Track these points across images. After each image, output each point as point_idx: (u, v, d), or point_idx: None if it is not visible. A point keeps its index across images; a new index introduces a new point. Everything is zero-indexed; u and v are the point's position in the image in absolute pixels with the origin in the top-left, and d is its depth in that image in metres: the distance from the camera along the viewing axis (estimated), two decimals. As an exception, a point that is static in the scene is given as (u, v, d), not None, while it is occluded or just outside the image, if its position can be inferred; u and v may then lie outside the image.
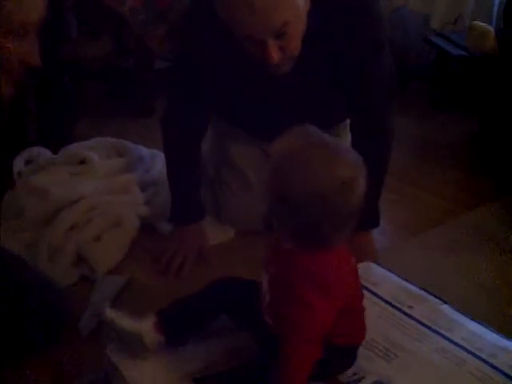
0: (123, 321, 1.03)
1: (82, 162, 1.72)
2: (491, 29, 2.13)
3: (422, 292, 1.26)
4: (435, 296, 1.25)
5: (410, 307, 1.20)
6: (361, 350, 1.05)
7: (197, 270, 1.46)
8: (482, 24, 2.28)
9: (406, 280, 1.29)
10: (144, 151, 1.85)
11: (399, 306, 1.20)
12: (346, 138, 1.64)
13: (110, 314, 1.02)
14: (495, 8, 2.64)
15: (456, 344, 1.10)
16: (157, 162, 1.81)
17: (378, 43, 1.34)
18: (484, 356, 1.08)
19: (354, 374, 1.03)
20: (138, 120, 2.29)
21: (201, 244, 1.49)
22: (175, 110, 1.49)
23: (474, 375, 1.05)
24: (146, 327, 1.02)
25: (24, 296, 1.18)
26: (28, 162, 1.76)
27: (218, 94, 1.43)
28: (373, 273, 1.31)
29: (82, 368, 1.17)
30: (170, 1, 2.45)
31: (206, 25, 1.27)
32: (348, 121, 1.57)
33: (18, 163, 1.73)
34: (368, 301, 1.21)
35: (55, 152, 1.80)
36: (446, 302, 1.23)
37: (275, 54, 1.16)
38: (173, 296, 1.09)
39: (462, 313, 1.20)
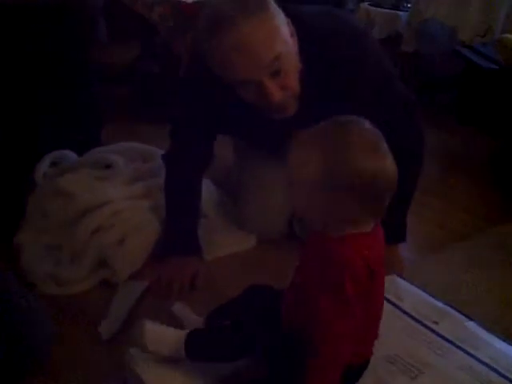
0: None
1: (108, 166, 1.72)
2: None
3: (448, 308, 1.24)
4: (461, 312, 1.22)
5: (435, 323, 1.18)
6: (385, 365, 1.04)
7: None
8: (511, 36, 2.26)
9: (432, 295, 1.27)
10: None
11: (424, 320, 1.18)
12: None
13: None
14: (526, 21, 2.61)
15: (482, 362, 1.08)
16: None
17: (379, 81, 1.30)
18: (510, 376, 1.06)
19: (377, 389, 1.01)
20: (163, 126, 2.29)
21: (195, 272, 1.46)
22: (178, 147, 1.49)
23: (500, 394, 1.02)
24: None
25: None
26: (53, 165, 1.77)
27: (224, 131, 1.46)
28: (398, 286, 1.30)
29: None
30: (197, 8, 2.46)
31: (206, 77, 1.23)
32: None
33: (44, 165, 1.74)
34: (392, 314, 1.20)
35: (81, 155, 1.80)
36: (472, 319, 1.20)
37: (276, 92, 1.13)
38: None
39: (489, 331, 1.17)
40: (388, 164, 0.90)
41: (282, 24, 1.12)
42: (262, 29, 1.08)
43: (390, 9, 3.25)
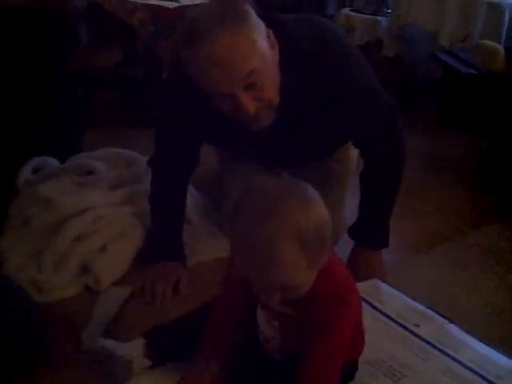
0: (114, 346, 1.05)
1: (90, 172, 1.72)
2: (500, 47, 2.13)
3: (429, 311, 1.25)
4: (442, 315, 1.24)
5: (417, 326, 1.20)
6: (367, 368, 1.05)
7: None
8: (491, 42, 2.29)
9: (413, 298, 1.29)
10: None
11: (405, 324, 1.20)
12: (348, 157, 1.65)
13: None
14: (505, 26, 2.64)
15: (463, 365, 1.10)
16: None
17: (362, 86, 1.29)
18: (491, 378, 1.08)
19: (360, 393, 1.02)
20: (146, 130, 2.29)
21: (178, 277, 1.46)
22: (162, 152, 1.49)
23: (480, 396, 1.04)
24: (135, 353, 1.05)
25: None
26: (35, 171, 1.76)
27: (206, 138, 1.45)
28: (379, 291, 1.31)
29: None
30: (179, 12, 2.46)
31: (187, 85, 1.22)
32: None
33: (26, 172, 1.73)
34: (374, 319, 1.21)
35: (63, 161, 1.80)
36: (452, 322, 1.22)
37: (250, 106, 1.13)
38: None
39: (469, 333, 1.19)
40: None
41: (260, 37, 1.11)
42: (238, 43, 1.07)
43: (371, 14, 3.28)
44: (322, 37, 1.25)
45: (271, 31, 1.15)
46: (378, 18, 3.22)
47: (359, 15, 3.26)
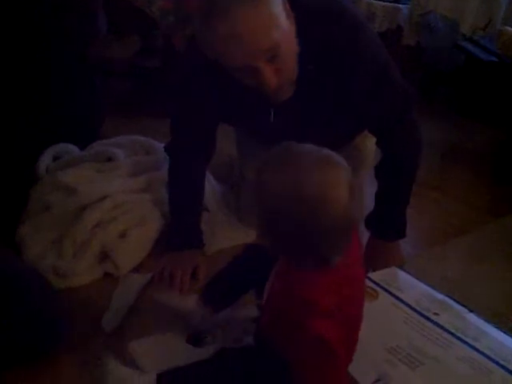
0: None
1: (109, 159, 1.73)
2: (523, 34, 2.10)
3: (448, 299, 1.24)
4: (461, 304, 1.23)
5: (436, 314, 1.19)
6: (385, 356, 1.04)
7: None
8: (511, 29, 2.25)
9: (432, 287, 1.28)
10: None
11: (424, 312, 1.19)
12: (366, 146, 1.64)
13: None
14: (527, 13, 2.60)
15: (482, 354, 1.09)
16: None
17: (378, 69, 1.28)
18: (510, 367, 1.06)
19: (378, 379, 1.01)
20: (164, 119, 2.30)
21: (197, 264, 1.47)
22: (179, 137, 1.49)
23: (500, 385, 1.03)
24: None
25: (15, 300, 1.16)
26: (55, 158, 1.77)
27: (222, 118, 1.44)
28: (398, 278, 1.30)
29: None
30: (199, 2, 2.46)
31: (202, 64, 1.24)
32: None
33: (46, 159, 1.74)
34: (393, 306, 1.21)
35: (82, 149, 1.81)
36: (471, 311, 1.21)
37: (272, 78, 1.13)
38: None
39: (489, 322, 1.18)
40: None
41: (278, 9, 1.11)
42: (258, 17, 1.07)
43: (391, 2, 3.24)
44: (338, 12, 1.23)
45: (286, 1, 1.15)
46: (399, 5, 3.18)
47: (380, 2, 3.22)
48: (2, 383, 1.14)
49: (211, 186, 1.74)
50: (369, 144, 1.64)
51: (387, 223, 1.47)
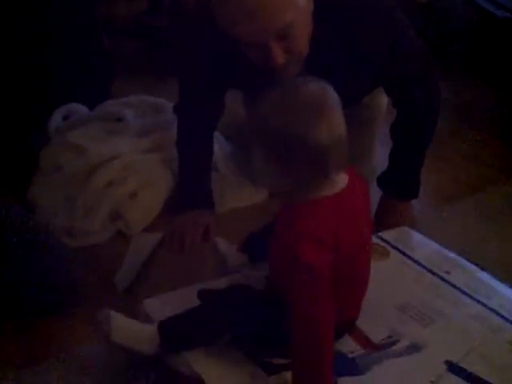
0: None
1: (119, 119, 1.72)
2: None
3: (460, 258, 1.24)
4: (473, 263, 1.23)
5: (447, 272, 1.19)
6: (396, 313, 1.05)
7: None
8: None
9: (443, 246, 1.28)
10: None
11: (436, 270, 1.19)
12: (377, 103, 1.61)
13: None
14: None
15: (493, 311, 1.09)
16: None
17: (394, 29, 1.26)
18: (522, 324, 1.07)
19: (389, 336, 1.02)
20: (172, 79, 2.28)
21: (207, 224, 1.47)
22: (187, 97, 1.47)
23: (511, 343, 1.03)
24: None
25: (29, 259, 1.19)
26: (65, 118, 1.77)
27: (229, 82, 1.41)
28: (410, 237, 1.30)
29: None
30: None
31: (210, 29, 1.19)
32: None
33: (56, 119, 1.74)
34: (404, 264, 1.21)
35: (92, 109, 1.80)
36: (483, 269, 1.21)
37: (279, 57, 1.09)
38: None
39: (500, 280, 1.18)
40: (324, 128, 0.86)
41: None
42: None
43: (404, -42, 3.16)
44: None
45: None
46: (411, -39, 3.10)
47: (391, -41, 3.15)
48: (19, 338, 1.17)
49: (220, 146, 1.73)
50: (381, 100, 1.61)
51: (400, 182, 1.47)
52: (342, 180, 0.94)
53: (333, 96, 0.90)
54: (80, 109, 1.80)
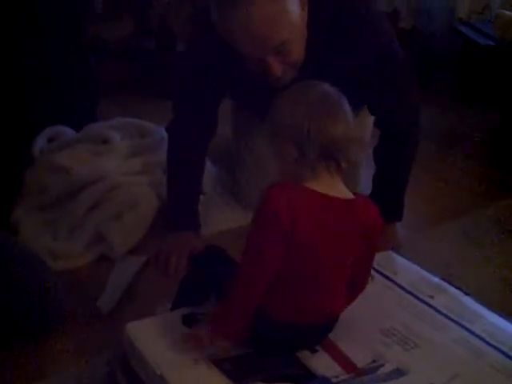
0: None
1: (105, 141, 1.72)
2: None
3: (443, 283, 1.24)
4: (456, 287, 1.23)
5: (431, 297, 1.19)
6: (380, 337, 1.05)
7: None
8: (508, 12, 2.25)
9: (427, 270, 1.28)
10: (165, 132, 1.84)
11: (420, 295, 1.19)
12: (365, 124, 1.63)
13: None
14: (525, -3, 2.59)
15: (477, 336, 1.09)
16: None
17: (382, 47, 1.31)
18: (505, 349, 1.07)
19: (373, 361, 1.02)
20: (159, 101, 2.29)
21: (193, 246, 1.47)
22: (181, 116, 1.48)
23: (494, 367, 1.03)
24: None
25: (10, 284, 1.18)
26: (50, 140, 1.76)
27: (226, 94, 1.46)
28: (393, 261, 1.31)
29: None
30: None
31: (211, 37, 1.24)
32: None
33: (40, 141, 1.73)
34: (387, 288, 1.21)
35: (78, 131, 1.80)
36: (467, 294, 1.21)
37: (277, 69, 1.17)
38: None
39: (484, 305, 1.19)
40: (334, 124, 0.92)
41: (295, 5, 1.12)
42: (274, 15, 1.08)
43: (388, -15, 3.21)
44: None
45: None
46: (396, -12, 3.16)
47: (376, -14, 3.20)
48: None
49: (207, 170, 1.73)
50: (367, 122, 1.63)
51: (384, 205, 1.47)
52: (340, 188, 0.97)
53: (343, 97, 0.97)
54: (65, 131, 1.80)
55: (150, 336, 1.05)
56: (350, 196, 0.98)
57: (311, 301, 0.99)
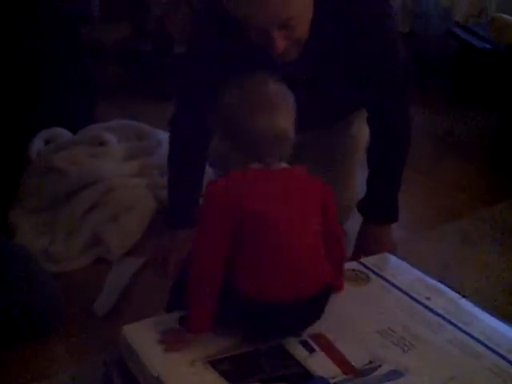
0: None
1: (102, 143, 1.72)
2: (515, 21, 2.10)
3: (440, 285, 1.24)
4: (453, 289, 1.24)
5: (428, 298, 1.19)
6: (378, 339, 1.05)
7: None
8: (505, 16, 2.25)
9: (423, 272, 1.28)
10: (162, 135, 1.84)
11: (416, 296, 1.19)
12: (360, 133, 1.63)
13: None
14: (521, 0, 2.60)
15: (474, 338, 1.09)
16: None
17: (387, 39, 1.32)
18: (501, 351, 1.07)
19: (370, 362, 1.02)
20: (156, 103, 2.30)
21: (190, 246, 1.46)
22: (183, 112, 1.47)
23: (491, 370, 1.03)
24: None
25: (10, 287, 1.18)
26: (47, 142, 1.76)
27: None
28: (390, 263, 1.31)
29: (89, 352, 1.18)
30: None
31: (211, 37, 1.27)
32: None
33: (38, 143, 1.73)
34: (384, 290, 1.21)
35: (75, 133, 1.80)
36: (464, 296, 1.22)
37: (280, 43, 1.17)
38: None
39: (481, 307, 1.19)
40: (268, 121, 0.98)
41: None
42: None
43: (385, -12, 3.22)
44: None
45: None
46: (392, -8, 3.17)
47: (373, -11, 3.21)
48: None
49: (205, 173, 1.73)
50: (363, 130, 1.64)
51: (379, 206, 1.48)
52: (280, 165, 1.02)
53: (284, 95, 1.02)
54: (63, 133, 1.80)
55: (147, 338, 1.05)
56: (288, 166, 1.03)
57: (285, 274, 0.98)
